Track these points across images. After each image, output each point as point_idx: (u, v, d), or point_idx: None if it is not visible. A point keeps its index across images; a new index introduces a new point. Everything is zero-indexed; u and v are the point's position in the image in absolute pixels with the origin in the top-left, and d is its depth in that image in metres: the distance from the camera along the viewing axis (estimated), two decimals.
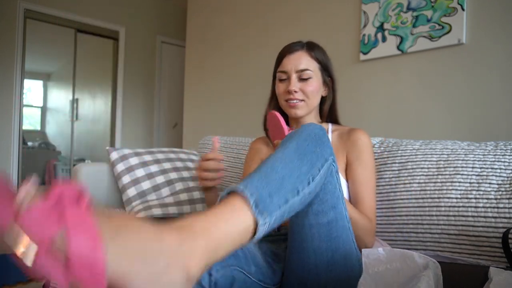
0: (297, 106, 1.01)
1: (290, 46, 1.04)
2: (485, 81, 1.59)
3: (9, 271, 2.04)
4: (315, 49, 1.03)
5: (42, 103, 4.51)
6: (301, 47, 1.02)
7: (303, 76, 1.00)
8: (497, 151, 1.02)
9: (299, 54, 1.01)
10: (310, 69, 1.00)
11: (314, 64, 1.01)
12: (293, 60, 1.01)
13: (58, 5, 3.75)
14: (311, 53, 1.01)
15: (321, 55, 1.03)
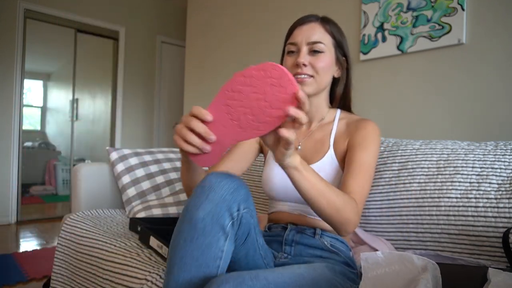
0: (305, 82, 0.90)
1: (303, 18, 0.95)
2: (485, 81, 1.59)
3: (9, 271, 2.04)
4: (331, 23, 0.94)
5: (42, 103, 4.51)
6: (315, 19, 0.93)
7: (315, 48, 0.90)
8: (497, 151, 1.02)
9: (313, 26, 0.92)
10: (323, 42, 0.90)
11: (328, 38, 0.92)
12: (305, 31, 0.91)
13: (58, 5, 3.75)
14: (325, 26, 0.92)
15: (337, 30, 0.94)
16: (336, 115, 1.00)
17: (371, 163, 0.86)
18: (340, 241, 0.89)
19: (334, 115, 1.01)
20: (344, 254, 0.86)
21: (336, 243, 0.88)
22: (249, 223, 0.68)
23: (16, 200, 3.51)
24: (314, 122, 1.00)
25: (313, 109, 0.97)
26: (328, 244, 0.86)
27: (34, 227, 3.33)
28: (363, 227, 1.16)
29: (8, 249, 2.56)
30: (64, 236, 1.33)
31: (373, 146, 0.88)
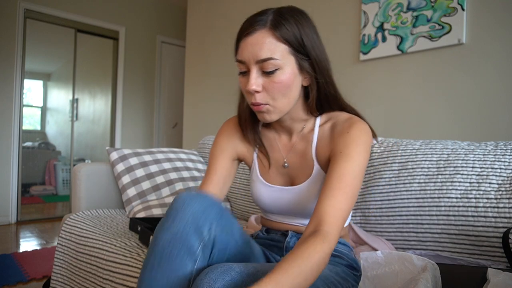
0: (263, 110, 0.75)
1: (249, 23, 0.74)
2: (485, 81, 1.59)
3: (9, 271, 2.04)
4: (284, 23, 0.72)
5: (42, 103, 4.51)
6: (263, 24, 0.71)
7: (266, 68, 0.71)
8: (497, 151, 1.02)
9: (260, 36, 0.71)
10: (275, 57, 0.70)
11: (281, 48, 0.71)
12: (251, 46, 0.71)
13: (58, 5, 3.75)
14: (277, 32, 0.71)
15: (293, 30, 0.72)
16: (316, 122, 0.84)
17: (356, 174, 0.71)
18: (342, 244, 0.86)
19: (314, 123, 0.84)
20: (347, 256, 0.84)
21: (338, 246, 0.84)
22: (226, 241, 0.66)
23: (16, 200, 3.51)
24: (294, 134, 0.86)
25: (288, 122, 0.84)
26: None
27: (34, 227, 3.33)
28: (363, 227, 1.16)
29: (8, 249, 2.56)
30: (64, 236, 1.33)
31: (357, 154, 0.73)
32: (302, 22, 0.74)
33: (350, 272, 0.79)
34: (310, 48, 0.74)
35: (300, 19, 0.73)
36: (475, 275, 0.56)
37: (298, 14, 0.75)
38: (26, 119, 3.78)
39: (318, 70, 0.76)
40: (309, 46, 0.74)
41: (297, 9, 0.76)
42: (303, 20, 0.74)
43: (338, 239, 0.65)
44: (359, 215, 1.17)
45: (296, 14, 0.74)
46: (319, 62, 0.76)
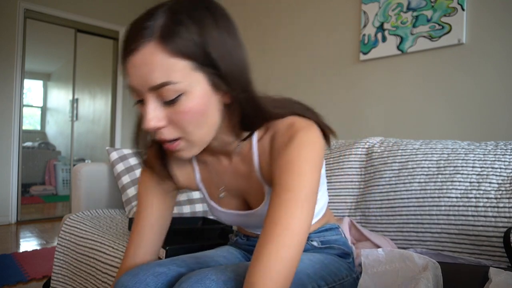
0: (177, 148, 0.58)
1: (132, 34, 0.52)
2: (485, 81, 1.59)
3: (9, 271, 2.04)
4: (179, 29, 0.51)
5: (42, 103, 4.51)
6: (149, 35, 0.51)
7: (164, 96, 0.53)
8: (497, 151, 1.02)
9: (147, 54, 0.51)
10: (173, 80, 0.51)
11: (179, 66, 0.51)
12: (139, 68, 0.52)
13: (58, 5, 3.75)
14: (168, 45, 0.51)
15: (193, 36, 0.52)
16: (253, 139, 0.66)
17: (307, 189, 0.56)
18: (328, 229, 0.80)
19: (251, 139, 0.66)
20: (336, 243, 0.79)
21: (325, 236, 0.79)
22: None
23: (16, 200, 3.51)
24: (233, 155, 0.70)
25: (218, 147, 0.67)
26: (318, 243, 0.79)
27: (34, 227, 3.33)
28: (363, 226, 1.16)
29: (8, 249, 2.56)
30: (64, 236, 1.33)
31: (304, 169, 0.57)
32: (206, 22, 0.53)
33: (342, 263, 0.77)
34: (218, 58, 0.53)
35: (203, 18, 0.53)
36: (477, 274, 0.56)
37: (200, 9, 0.54)
38: (26, 119, 3.78)
39: (231, 84, 0.56)
40: (216, 55, 0.53)
41: (199, 1, 0.55)
42: (207, 19, 0.54)
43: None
44: (359, 214, 1.17)
45: (197, 11, 0.53)
46: (229, 74, 0.55)
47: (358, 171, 1.24)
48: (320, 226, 0.80)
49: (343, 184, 1.24)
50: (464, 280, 0.57)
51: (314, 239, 0.79)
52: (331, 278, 0.69)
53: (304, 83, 2.39)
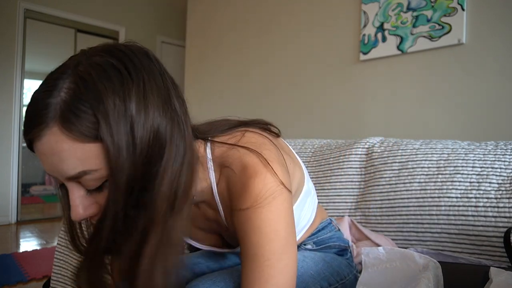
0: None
1: (32, 114, 0.44)
2: (485, 80, 1.59)
3: (9, 271, 2.04)
4: (79, 108, 0.42)
5: None
6: (49, 119, 0.42)
7: (87, 185, 0.46)
8: (497, 151, 1.02)
9: (52, 141, 0.43)
10: (90, 168, 0.44)
11: (94, 151, 0.44)
12: (48, 157, 0.44)
13: (58, 5, 3.75)
14: (71, 131, 0.42)
15: (99, 113, 0.42)
16: (212, 185, 0.58)
17: (279, 242, 0.50)
18: (321, 230, 0.78)
19: (210, 186, 0.58)
20: (332, 240, 0.78)
21: (319, 236, 0.77)
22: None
23: (16, 200, 3.50)
24: (198, 203, 0.64)
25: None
26: (312, 245, 0.77)
27: (34, 227, 3.33)
28: (364, 226, 1.16)
29: (8, 249, 2.55)
30: (64, 236, 1.33)
31: (268, 224, 0.50)
32: (116, 92, 0.43)
33: (342, 259, 0.76)
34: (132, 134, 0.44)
35: (113, 86, 0.43)
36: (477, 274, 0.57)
37: (112, 72, 0.44)
38: None
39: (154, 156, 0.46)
40: (128, 130, 0.43)
41: (109, 62, 0.45)
42: (119, 86, 0.43)
43: None
44: (359, 214, 1.17)
45: (107, 75, 0.44)
46: (149, 147, 0.45)
47: (358, 171, 1.24)
48: (313, 230, 0.77)
49: (343, 184, 1.24)
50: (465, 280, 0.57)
51: (308, 243, 0.77)
52: (333, 279, 0.69)
53: (304, 83, 2.39)
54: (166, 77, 0.49)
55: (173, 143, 0.47)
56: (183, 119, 0.49)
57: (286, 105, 2.51)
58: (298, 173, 0.66)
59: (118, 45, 0.48)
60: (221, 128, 0.60)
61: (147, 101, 0.45)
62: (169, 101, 0.48)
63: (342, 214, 1.21)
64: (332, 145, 1.37)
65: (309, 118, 2.35)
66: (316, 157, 1.36)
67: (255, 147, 0.54)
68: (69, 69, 0.45)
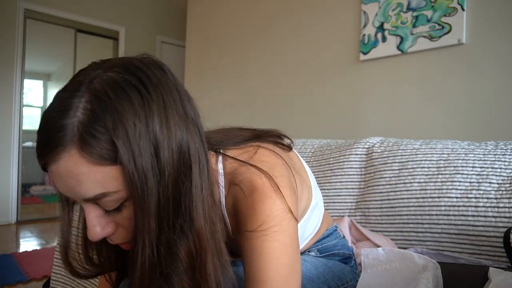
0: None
1: (47, 137, 0.42)
2: (485, 80, 1.59)
3: (9, 271, 2.04)
4: (97, 132, 0.40)
5: (42, 103, 4.51)
6: (68, 142, 0.40)
7: (105, 206, 0.45)
8: (497, 151, 1.02)
9: (69, 165, 0.41)
10: (109, 191, 0.42)
11: (114, 173, 0.42)
12: (65, 180, 0.42)
13: (58, 5, 3.75)
14: (91, 154, 0.40)
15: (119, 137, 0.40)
16: (221, 200, 0.56)
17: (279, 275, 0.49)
18: (326, 237, 0.77)
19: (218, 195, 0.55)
20: (336, 248, 0.77)
21: (323, 244, 0.76)
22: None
23: (16, 200, 3.51)
24: None
25: None
26: (316, 253, 0.76)
27: (34, 227, 3.33)
28: (364, 226, 1.16)
29: (8, 249, 2.55)
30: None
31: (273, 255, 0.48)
32: (135, 112, 0.41)
33: (345, 266, 0.76)
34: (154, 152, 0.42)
35: (131, 106, 0.41)
36: (477, 275, 0.56)
37: (129, 91, 0.42)
38: (26, 119, 3.78)
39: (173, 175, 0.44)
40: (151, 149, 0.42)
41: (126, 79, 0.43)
42: (136, 105, 0.41)
43: None
44: (359, 214, 1.17)
45: (124, 95, 0.41)
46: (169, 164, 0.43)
47: (358, 171, 1.24)
48: (318, 238, 0.77)
49: (343, 184, 1.24)
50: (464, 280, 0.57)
51: (312, 250, 0.76)
52: (334, 283, 0.68)
53: (304, 83, 2.39)
54: (181, 91, 0.48)
55: (198, 160, 0.46)
56: (201, 133, 0.48)
57: (286, 105, 2.51)
58: (306, 193, 0.65)
59: (134, 60, 0.47)
60: (234, 140, 0.58)
61: (169, 120, 0.43)
62: (187, 117, 0.46)
63: (342, 214, 1.21)
64: (332, 145, 1.37)
65: (309, 118, 2.35)
66: (316, 157, 1.36)
67: (267, 168, 0.52)
68: (83, 86, 0.42)
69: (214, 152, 0.56)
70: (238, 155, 0.55)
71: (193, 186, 0.45)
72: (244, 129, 0.63)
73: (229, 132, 0.62)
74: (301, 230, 0.64)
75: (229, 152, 0.56)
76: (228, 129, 0.63)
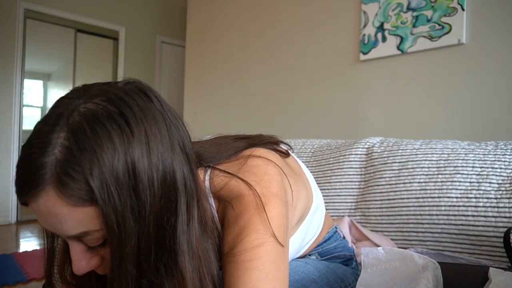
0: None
1: (25, 172, 0.40)
2: (485, 80, 1.59)
3: (9, 271, 2.04)
4: (74, 172, 0.38)
5: (42, 103, 4.51)
6: (44, 181, 0.39)
7: (88, 243, 0.43)
8: (497, 151, 1.02)
9: (49, 205, 0.39)
10: (92, 229, 0.41)
11: (95, 212, 0.40)
12: (46, 217, 0.41)
13: (58, 5, 3.75)
14: (69, 197, 0.38)
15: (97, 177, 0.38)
16: (212, 208, 0.54)
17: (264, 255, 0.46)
18: (327, 240, 0.77)
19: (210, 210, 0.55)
20: (337, 250, 0.77)
21: (324, 247, 0.76)
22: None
23: (16, 200, 3.51)
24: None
25: None
26: (317, 256, 0.75)
27: (34, 227, 3.33)
28: (364, 226, 1.16)
29: (8, 249, 2.56)
30: None
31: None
32: (109, 146, 0.39)
33: (347, 268, 0.76)
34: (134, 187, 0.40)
35: (106, 142, 0.39)
36: (477, 275, 0.56)
37: (106, 127, 0.39)
38: (26, 119, 3.78)
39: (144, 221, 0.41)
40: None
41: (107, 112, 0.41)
42: (112, 140, 0.39)
43: None
44: (359, 214, 1.17)
45: (102, 132, 0.39)
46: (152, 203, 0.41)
47: (358, 171, 1.24)
48: (319, 241, 0.76)
49: (343, 184, 1.24)
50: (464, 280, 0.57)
51: (313, 253, 0.75)
52: (337, 285, 0.68)
53: (303, 83, 2.39)
54: (168, 117, 0.45)
55: (185, 190, 0.44)
56: (190, 160, 0.46)
57: (286, 105, 2.51)
58: (304, 196, 0.63)
59: (116, 89, 0.43)
60: (227, 153, 0.56)
61: (151, 155, 0.41)
62: (173, 146, 0.44)
63: (342, 214, 1.21)
64: (332, 145, 1.37)
65: (309, 118, 2.35)
66: (316, 157, 1.36)
67: (255, 178, 0.50)
68: (62, 120, 0.40)
69: (204, 168, 0.54)
70: (228, 167, 0.53)
71: (179, 222, 0.42)
72: (239, 139, 0.61)
73: (223, 144, 0.59)
74: (303, 233, 0.64)
75: (220, 166, 0.54)
76: (222, 140, 0.61)
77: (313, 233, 0.72)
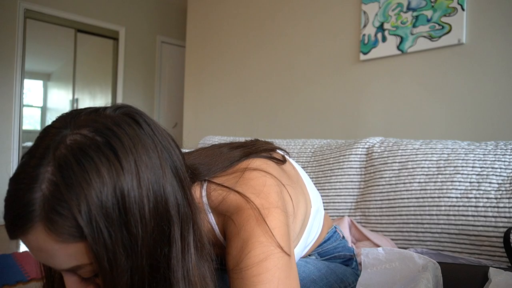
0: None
1: (14, 207, 0.39)
2: (485, 81, 1.59)
3: (9, 271, 2.04)
4: (62, 210, 0.37)
5: (42, 103, 4.51)
6: (33, 218, 0.38)
7: (82, 274, 0.43)
8: (497, 151, 1.02)
9: (39, 240, 0.39)
10: (84, 263, 0.40)
11: (86, 247, 0.39)
12: (38, 252, 0.40)
13: (58, 5, 3.75)
14: (59, 235, 0.38)
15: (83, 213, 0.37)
16: (214, 227, 0.55)
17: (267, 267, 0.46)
18: (327, 240, 0.77)
19: (212, 230, 0.55)
20: (337, 250, 0.77)
21: (324, 247, 0.76)
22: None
23: None
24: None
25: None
26: (317, 257, 0.76)
27: None
28: (364, 226, 1.16)
29: (8, 249, 2.56)
30: None
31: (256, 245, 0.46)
32: (97, 181, 0.38)
33: (347, 268, 0.77)
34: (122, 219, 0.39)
35: (94, 177, 0.38)
36: (476, 275, 0.56)
37: (94, 161, 0.38)
38: (26, 119, 3.78)
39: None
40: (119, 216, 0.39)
41: (94, 144, 0.39)
42: (100, 174, 0.38)
43: None
44: (359, 214, 1.17)
45: (89, 166, 0.38)
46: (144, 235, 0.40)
47: (358, 171, 1.24)
48: (319, 242, 0.76)
49: (343, 184, 1.24)
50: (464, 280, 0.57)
51: (313, 254, 0.76)
52: (337, 285, 0.68)
53: (304, 83, 2.39)
54: (160, 142, 0.44)
55: (179, 217, 0.43)
56: (184, 184, 0.45)
57: (286, 105, 2.51)
58: (303, 203, 0.63)
59: (104, 117, 0.42)
60: (222, 165, 0.55)
61: (141, 185, 0.40)
62: (165, 172, 0.42)
63: (342, 214, 1.20)
64: (332, 145, 1.37)
65: (309, 118, 2.35)
66: (316, 157, 1.36)
67: (253, 191, 0.50)
68: (48, 153, 0.38)
69: (200, 182, 0.54)
70: (224, 181, 0.52)
71: (173, 251, 0.42)
72: (234, 148, 0.60)
73: (218, 155, 0.58)
74: (305, 239, 0.64)
75: (216, 179, 0.53)
76: (217, 151, 0.60)
77: (314, 235, 0.72)
